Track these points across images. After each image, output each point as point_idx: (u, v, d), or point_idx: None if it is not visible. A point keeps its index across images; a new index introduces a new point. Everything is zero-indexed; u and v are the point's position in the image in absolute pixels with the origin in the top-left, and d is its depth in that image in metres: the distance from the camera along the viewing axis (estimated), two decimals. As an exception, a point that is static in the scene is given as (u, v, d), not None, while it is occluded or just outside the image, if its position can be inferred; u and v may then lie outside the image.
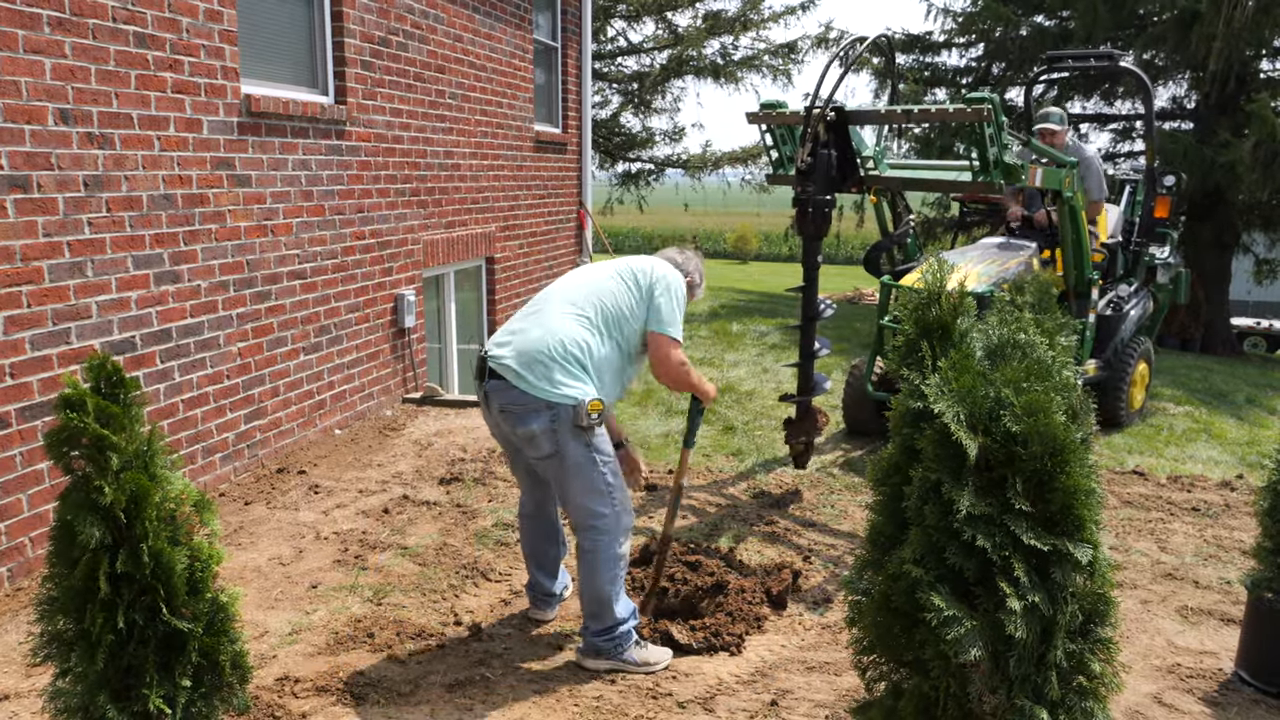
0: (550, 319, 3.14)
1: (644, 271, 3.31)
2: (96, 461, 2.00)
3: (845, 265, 28.96)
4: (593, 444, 3.07)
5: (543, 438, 3.05)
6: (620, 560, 3.15)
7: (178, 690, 2.09)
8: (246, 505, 4.72)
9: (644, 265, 3.35)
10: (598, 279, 3.29)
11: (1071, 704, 1.93)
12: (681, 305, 3.34)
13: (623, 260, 3.39)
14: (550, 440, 3.05)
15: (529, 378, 3.02)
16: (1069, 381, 2.00)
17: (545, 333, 3.09)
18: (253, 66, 5.17)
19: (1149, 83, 6.18)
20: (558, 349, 3.05)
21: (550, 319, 3.14)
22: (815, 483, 5.29)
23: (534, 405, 3.02)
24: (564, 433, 3.03)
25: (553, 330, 3.09)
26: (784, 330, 10.04)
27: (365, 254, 6.19)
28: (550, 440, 3.05)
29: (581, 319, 3.14)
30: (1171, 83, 12.68)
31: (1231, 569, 4.20)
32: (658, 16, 16.79)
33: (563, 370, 3.03)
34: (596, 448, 3.08)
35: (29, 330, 3.83)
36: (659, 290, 3.26)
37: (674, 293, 3.30)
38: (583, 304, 3.18)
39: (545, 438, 3.05)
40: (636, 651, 3.19)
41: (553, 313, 3.17)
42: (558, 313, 3.16)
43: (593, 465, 3.07)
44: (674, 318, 3.28)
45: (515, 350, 3.09)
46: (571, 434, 3.03)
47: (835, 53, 4.71)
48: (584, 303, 3.18)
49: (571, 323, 3.12)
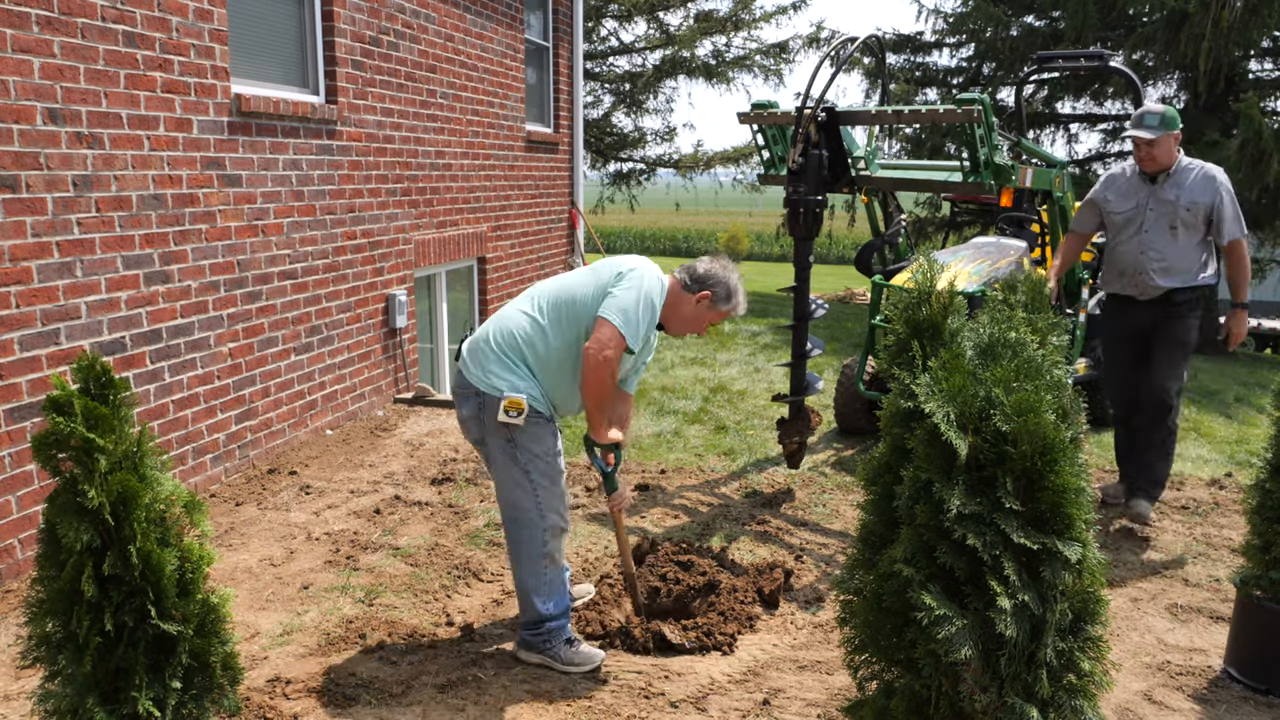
0: (506, 311, 3.18)
1: (618, 264, 3.13)
2: (84, 464, 1.99)
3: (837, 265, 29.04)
4: (515, 439, 3.07)
5: (471, 423, 3.14)
6: (543, 557, 3.15)
7: (168, 692, 2.08)
8: (237, 506, 4.70)
9: (625, 261, 3.16)
10: (572, 275, 3.23)
11: (1062, 702, 1.94)
12: (648, 308, 3.04)
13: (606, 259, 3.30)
14: (477, 426, 3.12)
15: (470, 365, 3.12)
16: (1059, 380, 2.00)
17: (495, 324, 3.15)
18: (243, 66, 5.15)
19: (1138, 83, 6.20)
20: (497, 337, 3.10)
21: (506, 311, 3.18)
22: (807, 482, 5.30)
23: (467, 391, 3.12)
24: (489, 422, 3.07)
25: (501, 322, 3.14)
26: (776, 330, 10.05)
27: (356, 254, 6.18)
28: (477, 426, 3.12)
29: (533, 312, 3.13)
30: (1161, 83, 12.73)
31: (1221, 567, 4.22)
32: (649, 16, 16.78)
33: (498, 361, 3.07)
34: (519, 443, 3.07)
35: (17, 331, 3.81)
36: (625, 282, 3.04)
37: (642, 290, 3.03)
38: (542, 298, 3.15)
39: (473, 423, 3.13)
40: (565, 650, 3.20)
41: (512, 306, 3.20)
42: (514, 307, 3.18)
43: (512, 460, 3.09)
44: (629, 314, 2.99)
45: (470, 339, 3.20)
46: (494, 425, 3.06)
47: (826, 53, 4.72)
48: (543, 297, 3.15)
49: (521, 316, 3.13)
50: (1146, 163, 4.52)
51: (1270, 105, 12.04)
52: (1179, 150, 4.57)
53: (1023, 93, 8.75)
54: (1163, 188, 4.55)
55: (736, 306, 3.24)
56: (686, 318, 3.23)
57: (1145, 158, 4.52)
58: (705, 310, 3.20)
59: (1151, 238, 4.58)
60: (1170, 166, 4.53)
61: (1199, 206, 4.49)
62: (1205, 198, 4.48)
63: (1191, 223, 4.52)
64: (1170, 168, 4.54)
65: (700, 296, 3.18)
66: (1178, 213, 4.50)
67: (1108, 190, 4.77)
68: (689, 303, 3.19)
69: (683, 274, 3.22)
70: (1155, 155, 4.48)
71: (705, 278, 3.18)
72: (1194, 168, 4.54)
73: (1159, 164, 4.49)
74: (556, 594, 3.20)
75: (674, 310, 3.21)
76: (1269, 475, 3.16)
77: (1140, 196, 4.63)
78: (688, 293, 3.19)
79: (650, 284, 3.07)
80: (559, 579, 3.21)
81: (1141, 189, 4.63)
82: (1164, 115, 4.44)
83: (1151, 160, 4.50)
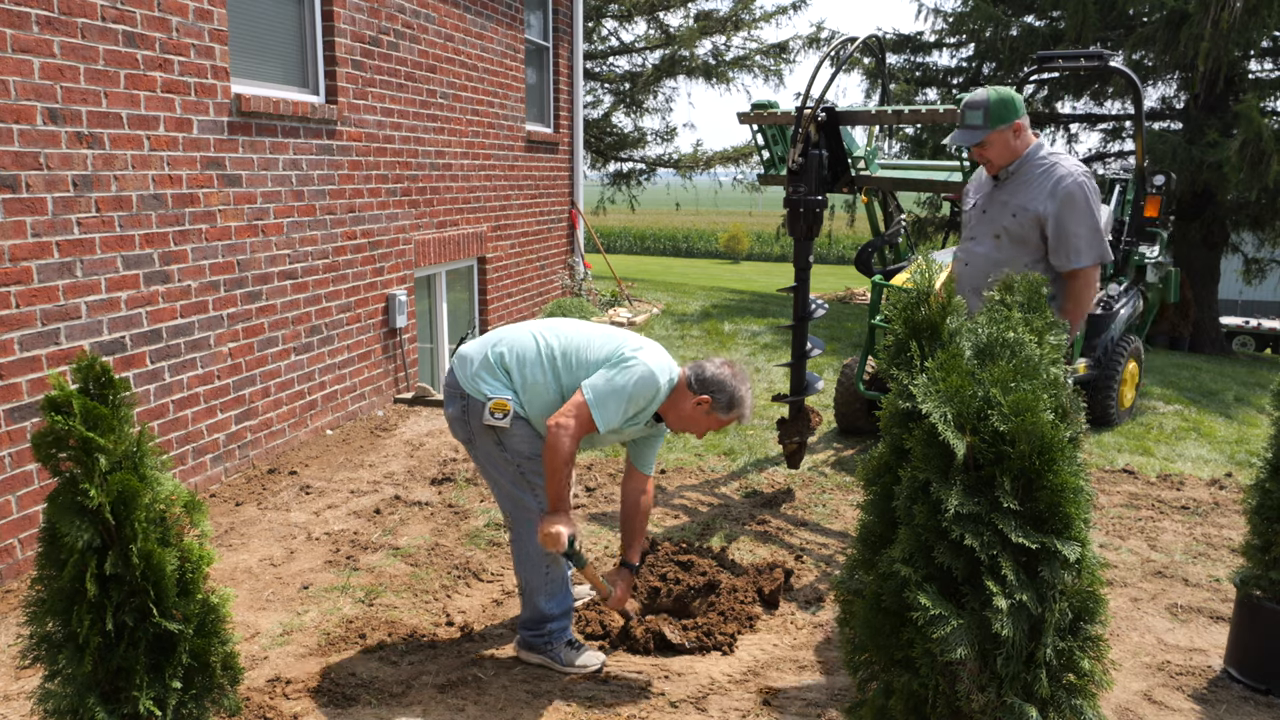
0: (516, 330, 3.19)
1: (631, 344, 3.08)
2: (84, 463, 1.99)
3: (837, 265, 29.04)
4: (504, 443, 3.08)
5: (457, 424, 3.16)
6: (545, 556, 3.15)
7: (168, 692, 2.08)
8: (237, 506, 4.70)
9: (635, 344, 3.09)
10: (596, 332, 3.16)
11: (1061, 701, 1.94)
12: (625, 400, 2.97)
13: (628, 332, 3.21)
14: (463, 428, 3.14)
15: (459, 367, 3.16)
16: (1057, 380, 2.00)
17: (499, 338, 3.17)
18: (243, 66, 5.16)
19: (1138, 83, 6.21)
20: (495, 350, 3.12)
21: (516, 330, 3.19)
22: (807, 482, 5.30)
23: (455, 391, 3.14)
24: (474, 424, 3.09)
25: (506, 337, 3.16)
26: (776, 330, 10.05)
27: (356, 254, 6.18)
28: (463, 428, 3.14)
29: (541, 343, 3.11)
30: (1161, 83, 12.74)
31: (1221, 567, 4.22)
32: (649, 16, 16.79)
33: (487, 369, 3.09)
34: (508, 447, 3.08)
35: (17, 331, 3.81)
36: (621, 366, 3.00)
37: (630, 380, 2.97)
38: (557, 336, 3.13)
39: (459, 424, 3.15)
40: (565, 652, 3.21)
41: (524, 328, 3.20)
42: (527, 329, 3.18)
43: (505, 462, 3.10)
44: (604, 397, 2.95)
45: (469, 343, 3.24)
46: (481, 428, 3.08)
47: (826, 53, 4.72)
48: (560, 336, 3.13)
49: (529, 341, 3.12)
50: (984, 163, 3.63)
51: (1270, 105, 12.03)
52: (1036, 135, 3.63)
53: (1023, 92, 8.75)
54: (1001, 186, 3.60)
55: (739, 418, 3.14)
56: (685, 416, 3.13)
57: (979, 158, 3.63)
58: (703, 415, 3.10)
59: (974, 247, 3.67)
60: (1011, 162, 3.55)
61: (1027, 215, 3.47)
62: (1038, 204, 3.46)
63: (1019, 234, 3.51)
64: (1012, 163, 3.56)
65: (700, 400, 3.08)
66: (1004, 219, 3.55)
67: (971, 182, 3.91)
68: (689, 402, 3.09)
69: (691, 371, 3.12)
70: (987, 156, 3.56)
71: (709, 382, 3.08)
72: (1043, 164, 3.52)
73: (996, 165, 3.58)
74: (559, 594, 3.20)
75: (674, 406, 3.12)
76: (1269, 475, 3.15)
77: (981, 195, 3.71)
78: (690, 392, 3.09)
79: (640, 380, 2.99)
80: (562, 578, 3.21)
81: (986, 185, 3.71)
82: (989, 108, 3.46)
83: (986, 161, 3.60)
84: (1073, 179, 3.42)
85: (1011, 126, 3.47)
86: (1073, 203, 3.40)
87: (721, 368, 3.12)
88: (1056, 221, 3.42)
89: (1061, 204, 3.41)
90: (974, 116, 3.48)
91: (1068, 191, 3.40)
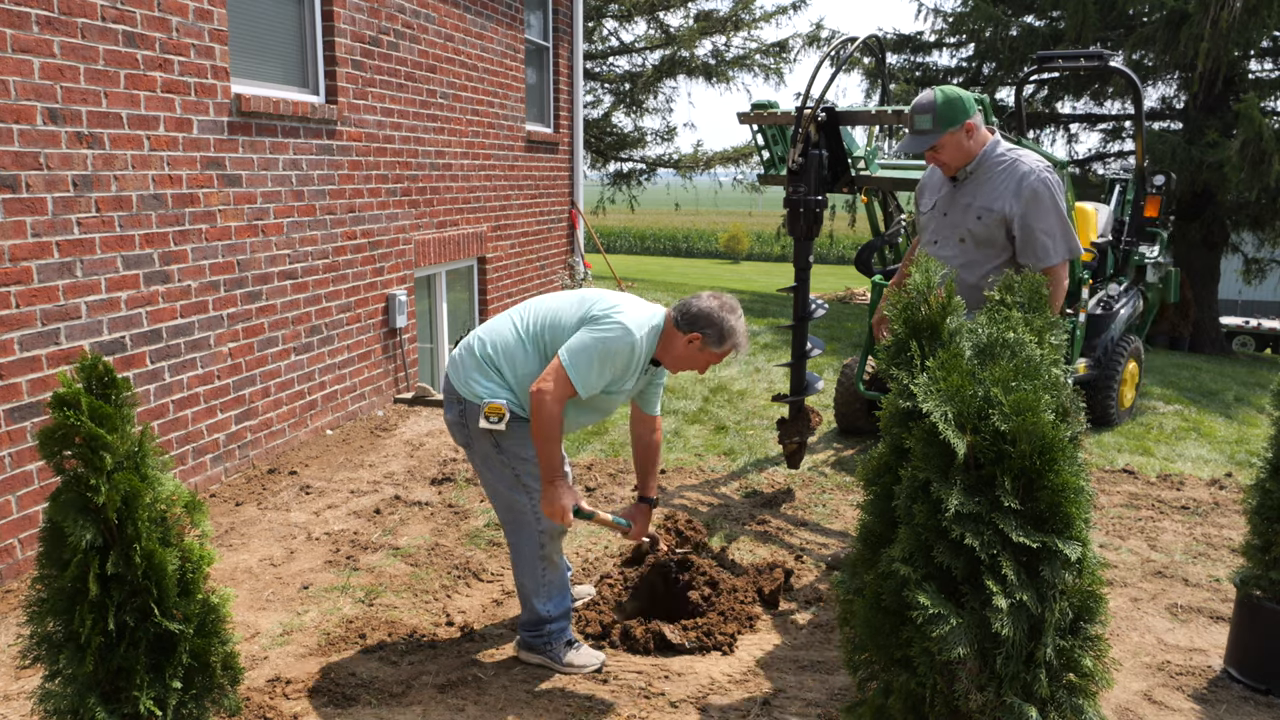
0: (498, 321, 3.20)
1: (605, 302, 3.03)
2: (90, 461, 2.00)
3: (837, 265, 29.04)
4: (501, 445, 3.07)
5: (455, 428, 3.17)
6: (541, 559, 3.15)
7: (168, 692, 2.08)
8: (237, 506, 4.70)
9: (610, 300, 3.04)
10: (564, 299, 3.14)
11: (1061, 701, 1.94)
12: (600, 358, 2.90)
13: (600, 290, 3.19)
14: (462, 432, 3.14)
15: (453, 370, 3.16)
16: (1057, 380, 2.00)
17: (483, 331, 3.17)
18: (243, 66, 5.16)
19: (1138, 83, 6.21)
20: (477, 348, 3.12)
21: (498, 321, 3.20)
22: (807, 482, 5.30)
23: (451, 396, 3.15)
24: (472, 428, 3.09)
25: (488, 330, 3.17)
26: (776, 330, 10.05)
27: (356, 254, 6.18)
28: (462, 432, 3.14)
29: (519, 327, 3.11)
30: (1160, 83, 12.74)
31: (1221, 567, 4.22)
32: (649, 16, 16.80)
33: (479, 369, 3.09)
34: (505, 449, 3.08)
35: (18, 331, 3.81)
36: (596, 326, 2.94)
37: (606, 340, 2.90)
38: (530, 316, 3.13)
39: (457, 429, 3.15)
40: (565, 652, 3.21)
41: (504, 316, 3.21)
42: (506, 317, 3.19)
43: (502, 465, 3.10)
44: (579, 359, 2.89)
45: (460, 343, 3.24)
46: (478, 432, 3.08)
47: (826, 53, 4.72)
48: (533, 315, 3.13)
49: (508, 329, 3.13)
50: (939, 166, 3.51)
51: (1270, 105, 12.04)
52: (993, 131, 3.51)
53: (1023, 92, 8.75)
54: (961, 187, 3.48)
55: (735, 348, 3.05)
56: (679, 357, 3.06)
57: (933, 162, 3.51)
58: (697, 352, 3.03)
59: (939, 251, 3.52)
60: (968, 162, 3.43)
61: (992, 215, 3.36)
62: (1002, 203, 3.35)
63: (985, 236, 3.39)
64: (969, 163, 3.44)
65: (691, 338, 3.00)
66: (968, 221, 3.43)
67: (924, 182, 3.74)
68: (680, 342, 3.03)
69: (677, 310, 3.03)
70: (941, 159, 3.44)
71: (697, 318, 2.99)
72: (1004, 161, 3.39)
73: (952, 167, 3.46)
74: (556, 595, 3.20)
75: (666, 349, 3.07)
76: (1269, 475, 3.16)
77: (939, 196, 3.59)
78: (679, 332, 3.02)
79: (614, 339, 2.92)
80: (559, 580, 3.21)
81: (944, 185, 3.58)
82: (937, 111, 3.33)
83: (941, 164, 3.48)
84: (1036, 176, 3.32)
85: (963, 127, 3.35)
86: (1038, 200, 3.30)
87: (708, 300, 3.01)
88: (1023, 221, 3.32)
89: (1027, 203, 3.31)
90: (922, 121, 3.36)
91: (1032, 189, 3.30)
